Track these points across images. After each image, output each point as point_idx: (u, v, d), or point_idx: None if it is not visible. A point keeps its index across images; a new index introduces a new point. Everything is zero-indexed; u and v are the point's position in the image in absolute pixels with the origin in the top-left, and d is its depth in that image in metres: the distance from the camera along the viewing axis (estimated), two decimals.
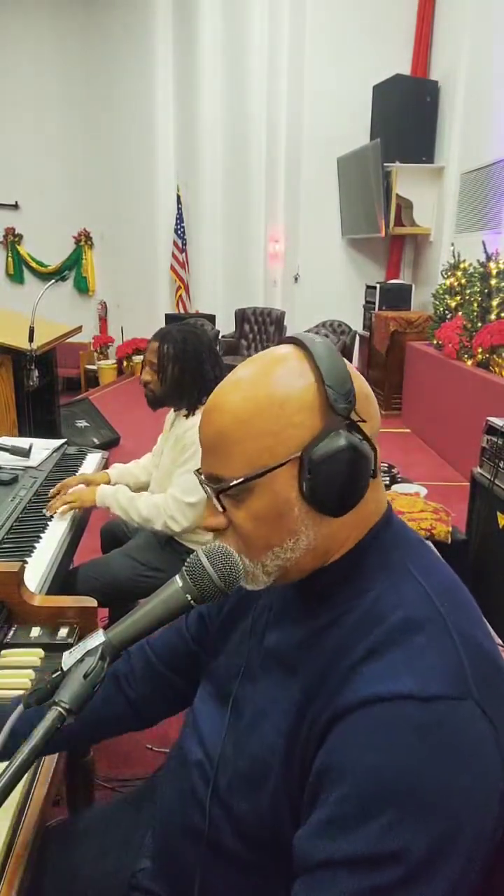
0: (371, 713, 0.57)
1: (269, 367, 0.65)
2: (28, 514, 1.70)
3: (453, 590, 0.66)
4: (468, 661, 0.58)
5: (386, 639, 0.60)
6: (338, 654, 0.62)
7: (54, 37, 7.47)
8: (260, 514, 0.64)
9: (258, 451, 0.63)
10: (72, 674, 0.62)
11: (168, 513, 1.79)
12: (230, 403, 0.64)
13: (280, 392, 0.63)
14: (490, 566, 2.28)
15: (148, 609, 0.67)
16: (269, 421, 0.62)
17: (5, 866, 0.73)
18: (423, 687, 0.56)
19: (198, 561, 0.65)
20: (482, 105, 5.48)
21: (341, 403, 0.62)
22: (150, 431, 2.46)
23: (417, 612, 0.61)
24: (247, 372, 0.66)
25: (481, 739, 0.56)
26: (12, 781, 0.57)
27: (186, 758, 0.79)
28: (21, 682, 1.02)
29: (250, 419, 0.63)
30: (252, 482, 0.63)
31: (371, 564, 0.66)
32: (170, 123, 7.37)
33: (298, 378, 0.63)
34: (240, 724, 0.72)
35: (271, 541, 0.65)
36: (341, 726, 0.58)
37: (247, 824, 0.68)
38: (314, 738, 0.61)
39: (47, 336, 3.30)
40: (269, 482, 0.63)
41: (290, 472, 0.63)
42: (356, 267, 7.62)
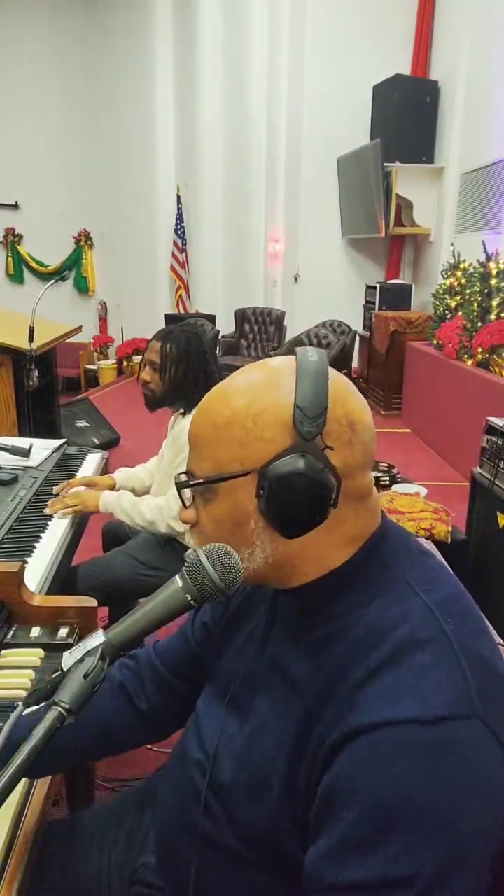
0: (377, 738, 0.56)
1: (256, 379, 0.66)
2: (28, 514, 1.70)
3: (458, 603, 0.65)
4: (473, 679, 0.58)
5: (389, 658, 0.60)
6: (340, 672, 0.62)
7: (54, 37, 7.47)
8: (219, 519, 0.66)
9: (228, 457, 0.64)
10: (72, 674, 0.62)
11: (171, 514, 1.78)
12: (212, 408, 0.66)
13: (257, 405, 0.63)
14: (490, 566, 2.28)
15: (148, 609, 0.67)
16: (241, 430, 0.63)
17: (5, 866, 0.73)
18: (427, 709, 0.56)
19: (198, 561, 0.65)
20: (482, 105, 5.48)
21: (306, 427, 0.61)
22: (151, 431, 2.47)
23: (420, 629, 0.61)
24: (237, 380, 0.67)
25: (489, 759, 0.56)
26: (12, 781, 0.57)
27: (186, 756, 0.79)
28: (21, 682, 1.02)
29: (225, 426, 0.64)
30: (214, 485, 0.65)
31: (367, 580, 0.66)
32: (170, 123, 7.37)
33: (279, 394, 0.63)
34: (241, 730, 0.72)
35: (228, 544, 0.65)
36: (348, 750, 0.58)
37: (245, 828, 0.68)
38: (321, 758, 0.61)
39: (47, 336, 3.30)
40: (231, 490, 0.64)
41: (252, 484, 0.63)
42: (356, 267, 7.62)
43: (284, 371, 0.65)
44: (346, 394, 0.65)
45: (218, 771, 0.73)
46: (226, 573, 0.65)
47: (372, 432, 0.67)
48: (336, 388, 0.64)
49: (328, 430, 0.62)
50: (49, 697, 0.62)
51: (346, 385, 0.67)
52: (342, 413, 0.64)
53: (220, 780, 0.72)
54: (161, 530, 1.81)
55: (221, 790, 0.72)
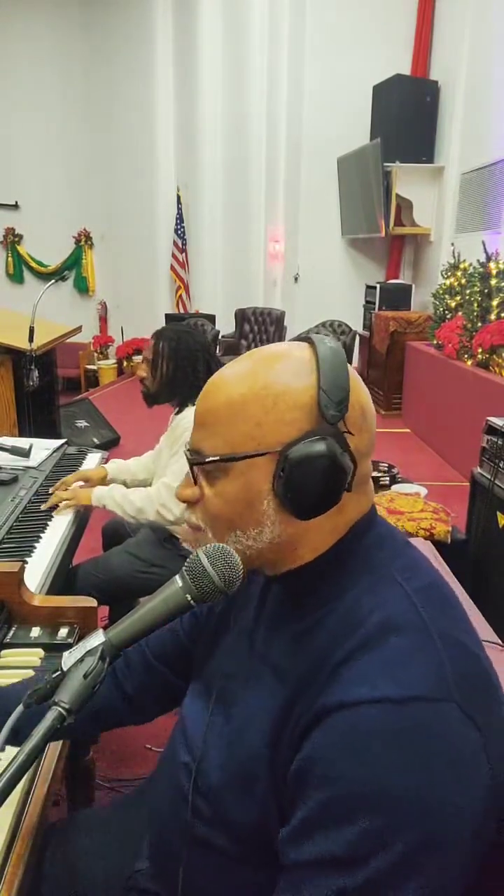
0: (346, 717, 0.56)
1: (274, 359, 0.65)
2: (28, 514, 1.70)
3: (437, 591, 0.65)
4: (450, 664, 0.58)
5: (364, 641, 0.60)
6: (319, 657, 0.62)
7: (54, 37, 7.48)
8: (229, 497, 0.65)
9: (242, 436, 0.63)
10: (72, 674, 0.62)
11: (160, 500, 1.80)
12: (228, 385, 0.65)
13: (278, 386, 0.63)
14: (490, 566, 2.28)
15: (148, 609, 0.67)
16: (259, 410, 0.63)
17: (5, 866, 0.73)
18: (401, 690, 0.55)
19: (198, 561, 0.65)
20: (482, 105, 5.49)
21: (331, 410, 0.61)
22: (150, 431, 2.47)
23: (397, 614, 0.61)
24: (253, 359, 0.67)
25: (463, 743, 0.55)
26: (12, 781, 0.57)
27: (174, 759, 0.79)
28: None
29: (243, 404, 0.63)
30: (228, 463, 0.64)
31: (351, 566, 0.66)
32: (170, 123, 7.38)
33: (300, 377, 0.63)
34: (228, 726, 0.72)
35: (235, 524, 0.66)
36: (319, 730, 0.58)
37: (234, 824, 0.68)
38: (294, 741, 0.61)
39: (47, 336, 3.30)
40: (245, 468, 0.64)
41: (269, 465, 0.63)
42: (356, 267, 7.62)
43: (300, 355, 0.65)
44: (357, 382, 0.66)
45: (205, 771, 0.72)
46: (226, 573, 0.65)
47: (374, 422, 0.68)
48: (351, 375, 0.65)
49: (347, 416, 0.63)
50: (49, 697, 0.62)
51: (355, 373, 0.67)
52: (355, 399, 0.64)
53: (208, 780, 0.72)
54: (150, 517, 1.83)
55: (210, 789, 0.71)
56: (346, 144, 6.85)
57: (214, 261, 7.53)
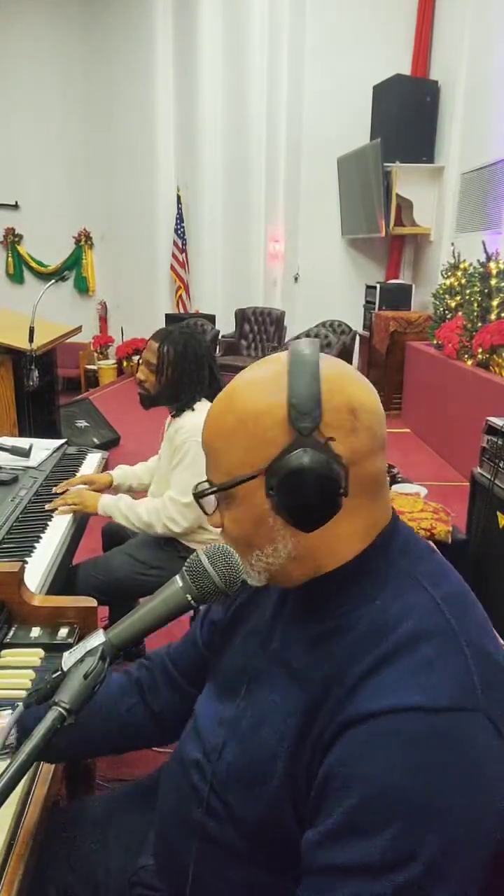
0: (380, 725, 0.57)
1: (251, 381, 0.67)
2: (28, 514, 1.70)
3: (463, 598, 0.65)
4: (478, 673, 0.58)
5: (394, 649, 0.60)
6: (346, 662, 0.62)
7: (54, 37, 7.47)
8: (239, 521, 0.67)
9: (237, 463, 0.65)
10: (72, 674, 0.63)
11: (167, 514, 1.80)
12: (215, 416, 0.68)
13: (256, 407, 0.64)
14: (490, 566, 2.28)
15: (148, 609, 0.67)
16: (245, 435, 0.64)
17: (5, 866, 0.73)
18: (431, 699, 0.56)
19: (198, 561, 0.66)
20: (482, 105, 5.49)
21: (302, 423, 0.61)
22: (150, 432, 2.47)
23: (426, 622, 0.61)
24: (238, 383, 0.68)
25: (490, 752, 0.56)
26: (12, 781, 0.57)
27: (185, 757, 0.79)
28: (21, 682, 1.02)
29: (231, 433, 0.65)
30: (230, 490, 0.66)
31: (377, 573, 0.66)
32: (170, 123, 7.37)
33: (274, 393, 0.63)
34: (241, 724, 0.72)
35: (252, 545, 0.67)
36: (349, 736, 0.58)
37: (246, 820, 0.69)
38: (322, 745, 0.61)
39: (47, 336, 3.30)
40: (246, 492, 0.65)
41: (262, 485, 0.64)
42: (356, 267, 7.62)
43: (278, 368, 0.65)
44: (345, 381, 0.65)
45: (218, 768, 0.73)
46: (226, 573, 0.65)
47: (378, 416, 0.66)
48: (333, 376, 0.64)
49: (328, 421, 0.62)
50: (49, 697, 0.62)
51: (344, 372, 0.66)
52: (341, 401, 0.63)
53: (221, 776, 0.72)
54: (158, 531, 1.82)
55: (222, 786, 0.72)
56: (346, 144, 6.85)
57: (214, 261, 7.53)
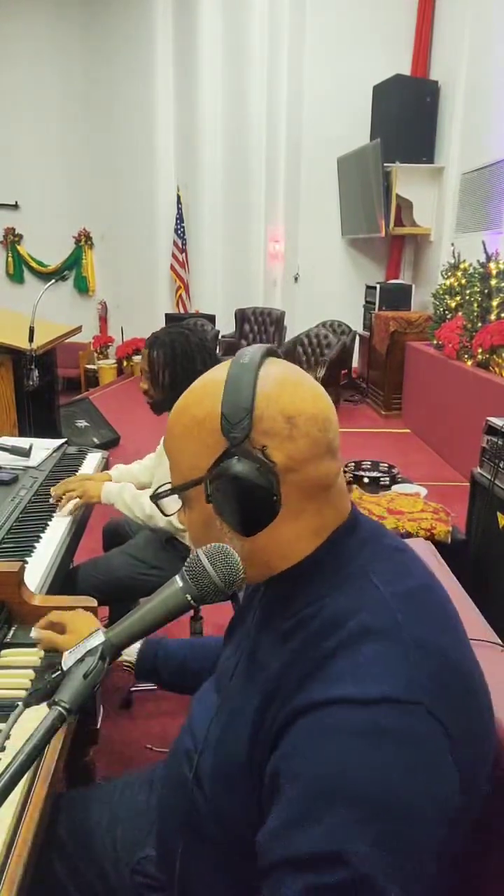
0: (315, 717, 0.57)
1: (199, 388, 0.69)
2: (28, 514, 1.70)
3: (420, 596, 0.65)
4: (422, 668, 0.58)
5: (340, 645, 0.60)
6: (295, 659, 0.63)
7: (54, 37, 7.47)
8: (193, 522, 0.71)
9: (187, 467, 0.68)
10: (72, 674, 0.63)
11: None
12: (171, 419, 0.71)
13: (200, 413, 0.67)
14: (490, 566, 2.28)
15: (148, 609, 0.67)
16: (191, 440, 0.67)
17: (5, 866, 0.73)
18: (366, 690, 0.56)
19: (198, 561, 0.66)
20: (482, 105, 5.49)
21: (232, 432, 0.63)
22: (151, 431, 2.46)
23: (373, 619, 0.61)
24: (192, 388, 0.71)
25: (430, 746, 0.56)
26: (12, 781, 0.57)
27: (178, 748, 0.81)
28: (21, 682, 1.02)
29: (180, 437, 0.69)
30: (184, 492, 0.69)
31: (328, 572, 0.67)
32: (170, 123, 7.37)
33: (214, 402, 0.65)
34: (220, 724, 0.74)
35: (204, 544, 0.68)
36: (290, 731, 0.59)
37: (223, 816, 0.70)
38: (268, 742, 0.62)
39: (47, 336, 3.30)
40: (194, 495, 0.68)
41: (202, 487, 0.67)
42: (356, 267, 7.62)
43: (222, 375, 0.67)
44: (282, 389, 0.65)
45: (203, 762, 0.74)
46: (225, 573, 0.65)
47: (319, 423, 0.66)
48: (270, 384, 0.65)
49: (264, 429, 0.63)
50: (49, 697, 0.62)
51: (286, 379, 0.67)
52: (276, 410, 0.64)
53: (204, 771, 0.74)
54: (160, 524, 1.81)
55: (204, 779, 0.73)
56: (346, 144, 6.85)
57: (214, 261, 7.53)
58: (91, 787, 1.05)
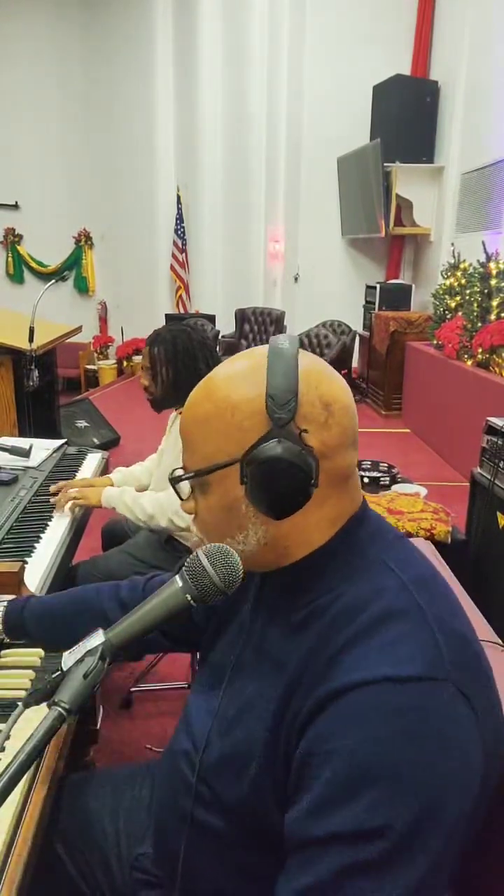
0: (350, 699, 0.58)
1: (232, 371, 0.70)
2: (28, 514, 1.70)
3: (431, 582, 0.68)
4: (447, 647, 0.60)
5: (364, 629, 0.62)
6: (318, 645, 0.64)
7: (54, 37, 7.47)
8: (213, 507, 0.70)
9: (213, 450, 0.68)
10: (72, 674, 0.63)
11: (172, 508, 1.78)
12: (194, 404, 0.71)
13: (235, 397, 0.67)
14: (490, 566, 2.28)
15: (148, 609, 0.67)
16: (222, 423, 0.67)
17: (5, 866, 0.73)
18: (397, 670, 0.58)
19: (198, 561, 0.66)
20: (482, 105, 5.49)
21: (278, 413, 0.64)
22: (151, 431, 2.47)
23: (395, 602, 0.63)
24: (216, 374, 0.71)
25: (460, 720, 0.58)
26: (12, 781, 0.57)
27: (175, 749, 0.81)
28: (21, 682, 1.02)
29: (207, 420, 0.68)
30: (207, 476, 0.69)
31: (344, 560, 0.68)
32: (170, 123, 7.37)
33: (254, 385, 0.66)
34: (226, 714, 0.74)
35: (223, 532, 0.70)
36: (324, 714, 0.60)
37: (231, 806, 0.71)
38: (298, 727, 0.63)
39: (47, 336, 3.30)
40: (220, 479, 0.68)
41: (237, 472, 0.67)
42: (356, 267, 7.62)
43: (257, 360, 0.68)
44: (321, 377, 0.68)
45: (205, 758, 0.75)
46: (226, 573, 0.65)
47: (350, 413, 0.69)
48: (310, 371, 0.67)
49: (303, 413, 0.65)
50: (49, 697, 0.62)
51: (320, 368, 0.69)
52: (316, 396, 0.66)
53: (207, 766, 0.74)
54: (161, 524, 1.81)
55: (208, 775, 0.74)
56: (346, 144, 6.85)
57: (214, 261, 7.53)
58: (93, 772, 1.05)
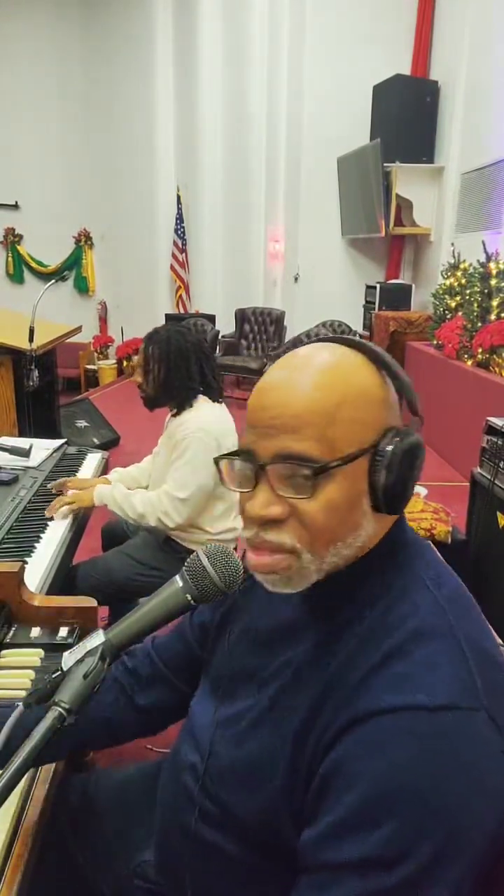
0: (381, 723, 0.57)
1: (348, 359, 0.65)
2: (28, 514, 1.70)
3: (462, 599, 0.66)
4: (478, 673, 0.58)
5: (397, 649, 0.60)
6: (349, 661, 0.62)
7: (54, 37, 7.47)
8: (334, 504, 0.61)
9: (343, 438, 0.61)
10: (72, 674, 0.63)
11: (161, 508, 1.80)
12: (317, 384, 0.61)
13: (361, 385, 0.63)
14: (490, 566, 2.28)
15: (148, 609, 0.67)
16: (352, 410, 0.61)
17: (5, 866, 0.73)
18: (432, 698, 0.56)
19: (198, 561, 0.65)
20: (482, 105, 5.49)
21: (414, 405, 0.65)
22: (150, 431, 2.47)
23: (428, 622, 0.61)
24: (325, 358, 0.64)
25: (491, 750, 0.56)
26: (12, 781, 0.57)
27: (179, 760, 0.79)
28: (21, 682, 1.02)
29: (338, 405, 0.61)
30: (333, 469, 0.60)
31: (384, 570, 0.66)
32: (170, 123, 7.37)
33: (372, 374, 0.65)
34: (239, 724, 0.72)
35: (337, 534, 0.62)
36: (352, 735, 0.58)
37: (240, 822, 0.68)
38: (324, 744, 0.61)
39: (47, 336, 3.30)
40: (350, 470, 0.61)
41: (364, 463, 0.62)
42: (356, 267, 7.61)
43: (355, 352, 0.66)
44: None
45: (213, 769, 0.72)
46: (226, 573, 0.65)
47: None
48: None
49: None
50: (49, 697, 0.62)
51: None
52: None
53: (215, 777, 0.72)
54: (150, 523, 1.83)
55: (216, 787, 0.71)
56: (346, 144, 6.85)
57: (214, 261, 7.53)
58: (94, 773, 1.03)
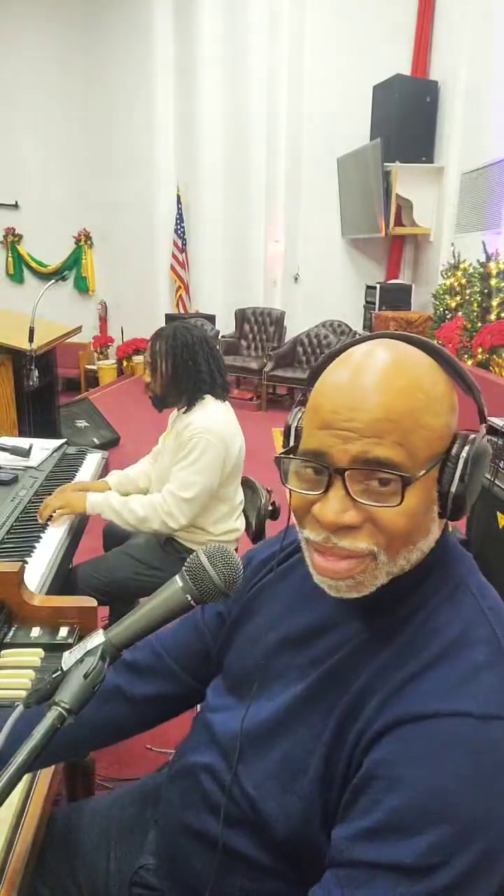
0: (429, 727, 0.57)
1: (424, 363, 0.64)
2: (28, 514, 1.70)
3: (502, 610, 0.66)
4: None
5: (442, 653, 0.60)
6: (393, 662, 0.62)
7: (54, 37, 7.47)
8: (413, 511, 0.60)
9: (425, 443, 0.60)
10: (72, 674, 0.62)
11: (165, 509, 1.77)
12: (398, 388, 0.60)
13: (436, 390, 0.63)
14: (490, 566, 2.28)
15: (148, 609, 0.67)
16: (432, 415, 0.61)
17: (5, 866, 0.73)
18: (481, 706, 0.56)
19: (198, 561, 0.65)
20: (482, 105, 5.48)
21: (485, 411, 0.66)
22: (151, 431, 2.47)
23: (474, 629, 0.61)
24: (401, 361, 0.63)
25: None
26: (12, 781, 0.57)
27: (193, 762, 0.78)
28: (21, 682, 1.02)
29: (422, 409, 0.60)
30: (425, 475, 0.60)
31: (434, 575, 0.66)
32: (170, 123, 7.37)
33: (443, 380, 0.65)
34: (268, 724, 0.71)
35: (412, 538, 0.62)
36: (395, 736, 0.58)
37: (271, 827, 0.67)
38: (364, 743, 0.61)
39: (47, 336, 3.30)
40: (428, 477, 0.61)
41: (435, 470, 0.62)
42: (356, 267, 7.61)
43: (425, 354, 0.66)
44: None
45: (242, 770, 0.71)
46: (226, 573, 0.65)
47: None
48: None
49: None
50: (49, 697, 0.62)
51: None
52: None
53: (245, 778, 0.71)
54: (154, 527, 1.79)
55: (247, 788, 0.70)
56: (346, 144, 6.84)
57: (214, 261, 7.53)
58: (81, 805, 0.99)
